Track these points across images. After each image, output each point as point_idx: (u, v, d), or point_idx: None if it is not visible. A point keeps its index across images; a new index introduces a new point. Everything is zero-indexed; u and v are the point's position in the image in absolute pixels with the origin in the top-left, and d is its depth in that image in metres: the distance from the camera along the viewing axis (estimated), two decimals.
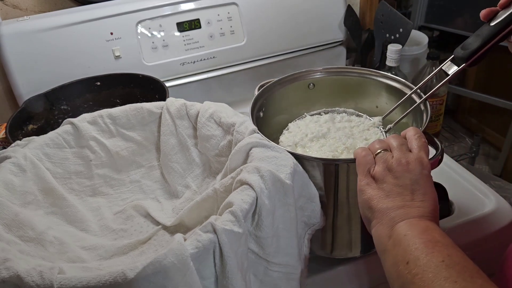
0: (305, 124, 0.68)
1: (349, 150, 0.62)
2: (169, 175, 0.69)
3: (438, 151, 0.54)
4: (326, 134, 0.65)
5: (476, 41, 0.53)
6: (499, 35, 0.52)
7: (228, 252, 0.44)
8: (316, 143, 0.64)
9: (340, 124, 0.68)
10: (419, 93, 0.63)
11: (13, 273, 0.41)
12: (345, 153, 0.61)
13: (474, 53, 0.53)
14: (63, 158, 0.64)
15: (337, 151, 0.62)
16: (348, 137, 0.64)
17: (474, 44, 0.53)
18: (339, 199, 0.57)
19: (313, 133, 0.65)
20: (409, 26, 0.94)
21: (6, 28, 0.86)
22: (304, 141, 0.65)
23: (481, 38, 0.53)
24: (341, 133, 0.65)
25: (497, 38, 0.52)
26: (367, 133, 0.65)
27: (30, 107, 0.81)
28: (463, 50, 0.55)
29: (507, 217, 0.68)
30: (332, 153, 0.62)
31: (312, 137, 0.65)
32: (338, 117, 0.70)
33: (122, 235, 0.63)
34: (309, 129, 0.67)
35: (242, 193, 0.48)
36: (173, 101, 0.68)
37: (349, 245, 0.61)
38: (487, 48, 0.53)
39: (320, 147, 0.64)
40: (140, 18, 0.93)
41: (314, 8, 1.05)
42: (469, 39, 0.55)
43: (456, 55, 0.56)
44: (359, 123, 0.68)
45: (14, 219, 0.53)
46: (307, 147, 0.64)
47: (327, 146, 0.63)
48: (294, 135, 0.66)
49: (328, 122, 0.68)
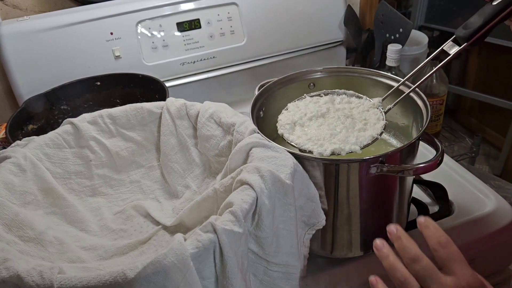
0: (305, 105, 0.67)
1: (347, 129, 0.61)
2: (169, 175, 0.69)
3: (438, 152, 0.54)
4: (325, 114, 0.65)
5: (479, 20, 0.54)
6: (501, 14, 0.53)
7: (228, 252, 0.44)
8: (315, 122, 0.64)
9: (339, 105, 0.67)
10: (417, 91, 0.63)
11: (13, 273, 0.41)
12: (343, 132, 0.61)
13: (476, 32, 0.54)
14: (63, 158, 0.64)
15: (336, 130, 0.61)
16: (347, 117, 0.64)
17: (476, 23, 0.54)
18: (339, 199, 0.57)
19: (312, 112, 0.65)
20: (409, 26, 0.94)
21: (6, 28, 0.86)
22: (302, 120, 0.64)
23: (483, 17, 0.53)
24: (340, 113, 0.65)
25: (499, 17, 0.53)
26: (366, 114, 0.65)
27: (30, 107, 0.81)
28: (465, 29, 0.55)
29: (507, 217, 0.68)
30: (330, 131, 0.61)
31: (311, 116, 0.64)
32: (338, 98, 0.69)
33: (122, 235, 0.63)
34: (308, 109, 0.66)
35: (242, 193, 0.48)
36: (173, 101, 0.68)
37: (349, 245, 0.61)
38: (489, 27, 0.53)
39: (319, 126, 0.63)
40: (140, 18, 0.93)
41: (314, 8, 1.05)
42: (471, 19, 0.55)
43: (458, 35, 0.56)
44: (358, 104, 0.67)
45: (14, 219, 0.53)
46: (305, 126, 0.63)
47: (325, 125, 0.63)
48: (293, 114, 0.65)
49: (328, 103, 0.67)
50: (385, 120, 0.63)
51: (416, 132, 0.64)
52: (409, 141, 0.55)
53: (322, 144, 0.59)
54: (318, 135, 0.61)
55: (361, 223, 0.60)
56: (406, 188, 0.61)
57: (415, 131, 0.65)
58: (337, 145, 0.58)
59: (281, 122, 0.64)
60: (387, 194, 0.59)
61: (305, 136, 0.62)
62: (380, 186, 0.58)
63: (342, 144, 0.59)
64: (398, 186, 0.59)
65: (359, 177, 0.55)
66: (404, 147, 0.55)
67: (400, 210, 0.62)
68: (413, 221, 0.68)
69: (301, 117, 0.64)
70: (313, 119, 0.64)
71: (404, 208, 0.63)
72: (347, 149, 0.58)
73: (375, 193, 0.58)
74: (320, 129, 0.62)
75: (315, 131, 0.62)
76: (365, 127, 0.62)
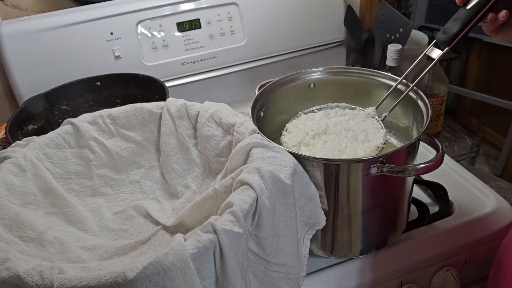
0: (303, 123, 0.68)
1: (352, 143, 0.62)
2: (169, 175, 0.69)
3: (438, 152, 0.54)
4: (326, 130, 0.66)
5: (455, 25, 0.56)
6: (475, 17, 0.54)
7: (228, 252, 0.44)
8: (319, 140, 0.64)
9: (335, 119, 0.68)
10: (413, 88, 0.63)
11: (13, 273, 0.41)
12: (349, 146, 0.62)
13: (455, 37, 0.56)
14: (63, 158, 0.64)
15: (341, 145, 0.62)
16: (347, 130, 0.64)
17: (453, 28, 0.56)
18: (339, 200, 0.57)
19: (313, 130, 0.65)
20: (409, 26, 0.94)
21: (6, 28, 0.86)
22: (306, 140, 0.64)
23: (460, 21, 0.55)
24: (339, 127, 0.65)
25: (474, 20, 0.55)
26: (364, 124, 0.66)
27: (30, 107, 0.81)
28: (444, 34, 0.57)
29: (507, 217, 0.68)
30: (337, 147, 0.62)
31: (313, 135, 0.65)
32: (332, 112, 0.70)
33: (122, 235, 0.63)
34: (307, 127, 0.67)
35: (242, 193, 0.48)
36: (173, 101, 0.68)
37: (349, 245, 0.61)
38: (466, 31, 0.56)
39: (324, 143, 0.64)
40: (140, 18, 0.93)
41: (314, 8, 1.05)
42: (448, 24, 0.57)
43: (439, 40, 0.58)
44: (353, 115, 0.68)
45: (14, 219, 0.53)
46: (311, 145, 0.64)
47: (330, 142, 0.63)
48: (296, 135, 0.66)
49: (324, 118, 0.68)
50: (384, 129, 0.64)
51: (417, 132, 0.64)
52: (409, 141, 0.55)
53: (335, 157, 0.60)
54: (327, 153, 0.62)
55: (361, 223, 0.60)
56: (406, 188, 0.61)
57: (415, 131, 0.65)
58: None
59: (286, 145, 0.64)
60: (387, 194, 0.59)
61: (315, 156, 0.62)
62: (380, 186, 0.58)
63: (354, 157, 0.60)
64: (398, 186, 0.59)
65: (359, 177, 0.55)
66: (404, 147, 0.55)
67: (400, 210, 0.62)
68: (413, 221, 0.68)
69: (304, 136, 0.65)
70: (315, 137, 0.65)
71: (404, 208, 0.63)
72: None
73: (375, 193, 0.58)
74: (326, 146, 0.63)
75: (322, 149, 0.63)
76: (368, 138, 0.63)
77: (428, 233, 0.66)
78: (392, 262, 0.63)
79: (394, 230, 0.63)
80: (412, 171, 0.53)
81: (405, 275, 0.63)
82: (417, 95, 0.63)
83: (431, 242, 0.65)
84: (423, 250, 0.64)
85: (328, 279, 0.61)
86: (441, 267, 0.64)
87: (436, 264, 0.64)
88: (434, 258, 0.64)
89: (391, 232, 0.63)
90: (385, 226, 0.62)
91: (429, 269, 0.64)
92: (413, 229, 0.67)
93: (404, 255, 0.63)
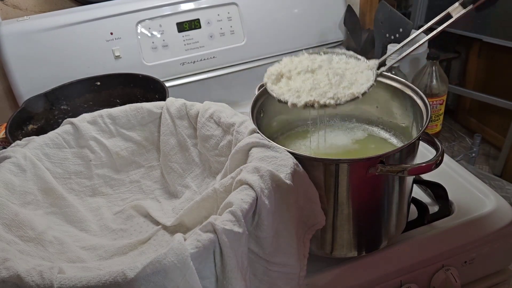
0: (299, 60, 0.65)
1: (331, 86, 0.60)
2: (169, 175, 0.69)
3: (438, 152, 0.54)
4: (316, 70, 0.63)
5: None
6: None
7: (228, 252, 0.44)
8: (302, 77, 0.62)
9: (336, 65, 0.64)
10: (417, 91, 0.63)
11: (13, 273, 0.41)
12: (325, 88, 0.59)
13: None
14: (63, 158, 0.64)
15: (319, 85, 0.60)
16: (336, 74, 0.62)
17: None
18: (339, 199, 0.57)
19: (303, 67, 0.62)
20: (409, 26, 0.94)
21: (6, 28, 0.86)
22: (291, 73, 0.62)
23: None
24: (331, 71, 0.62)
25: None
26: (358, 75, 0.62)
27: (30, 107, 0.81)
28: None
29: (507, 217, 0.68)
30: (312, 85, 0.59)
31: (300, 71, 0.62)
32: (336, 58, 0.66)
33: (122, 235, 0.63)
34: (300, 64, 0.64)
35: (242, 193, 0.48)
36: (173, 101, 0.68)
37: (349, 245, 0.61)
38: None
39: (304, 80, 0.61)
40: (140, 18, 0.93)
41: (314, 8, 1.05)
42: None
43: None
44: (355, 65, 0.64)
45: (14, 219, 0.53)
46: (292, 79, 0.62)
47: (311, 80, 0.61)
48: (283, 67, 0.63)
49: (325, 61, 0.65)
50: (373, 82, 0.61)
51: (416, 132, 0.64)
52: (409, 141, 0.55)
53: (299, 95, 0.58)
54: (299, 88, 0.59)
55: (361, 223, 0.60)
56: (406, 188, 0.61)
57: (415, 131, 0.65)
58: (313, 98, 0.58)
59: (268, 72, 0.62)
60: (387, 194, 0.59)
61: (287, 87, 0.61)
62: (380, 186, 0.58)
63: (319, 97, 0.58)
64: (398, 186, 0.59)
65: (359, 177, 0.55)
66: (404, 147, 0.55)
67: (400, 210, 0.62)
68: (413, 221, 0.68)
69: (290, 70, 0.62)
70: (301, 73, 0.62)
71: (404, 208, 0.63)
72: (322, 102, 0.57)
73: (375, 193, 0.58)
74: (304, 83, 0.60)
75: (297, 84, 0.60)
76: (351, 86, 0.60)
77: (428, 233, 0.66)
78: (392, 262, 0.63)
79: (394, 229, 0.63)
80: (412, 171, 0.53)
81: (405, 275, 0.63)
82: (417, 95, 0.63)
83: (431, 242, 0.65)
84: (423, 250, 0.64)
85: (328, 279, 0.61)
86: (441, 267, 0.64)
87: (436, 264, 0.64)
88: (434, 258, 0.64)
89: (391, 232, 0.63)
90: (385, 225, 0.62)
91: (429, 269, 0.64)
92: (413, 229, 0.67)
93: (404, 255, 0.63)
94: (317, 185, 0.56)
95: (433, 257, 0.64)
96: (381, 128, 0.72)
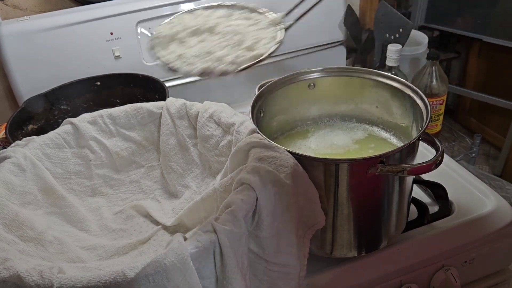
0: (193, 18, 0.58)
1: (231, 48, 0.53)
2: (169, 175, 0.69)
3: (438, 152, 0.54)
4: (212, 29, 0.55)
5: None
6: None
7: (228, 252, 0.44)
8: (197, 38, 0.54)
9: (235, 22, 0.57)
10: (417, 91, 0.63)
11: (13, 273, 0.41)
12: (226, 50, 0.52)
13: None
14: (63, 158, 0.64)
15: (216, 48, 0.52)
16: (237, 33, 0.54)
17: None
18: (339, 199, 0.57)
19: (195, 26, 0.55)
20: (409, 26, 0.94)
21: (6, 28, 0.86)
22: (182, 35, 0.54)
23: None
24: (230, 29, 0.55)
25: None
26: (262, 32, 0.55)
27: (30, 107, 0.81)
28: None
29: (507, 217, 0.68)
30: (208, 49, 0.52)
31: (194, 31, 0.54)
32: (236, 13, 0.58)
33: (122, 235, 0.63)
34: (193, 22, 0.56)
35: (242, 193, 0.48)
36: (173, 101, 0.68)
37: (349, 245, 0.61)
38: None
39: (199, 42, 0.53)
40: (140, 18, 0.92)
41: (314, 8, 1.05)
42: None
43: None
44: (257, 21, 0.57)
45: (14, 219, 0.53)
46: (185, 42, 0.54)
47: (207, 42, 0.53)
48: (172, 27, 0.56)
49: (222, 18, 0.57)
50: (281, 39, 0.54)
51: (416, 132, 0.64)
52: (409, 141, 0.55)
53: (193, 62, 0.50)
54: (192, 52, 0.51)
55: (361, 223, 0.60)
56: (406, 188, 0.61)
57: (415, 131, 0.65)
58: (209, 64, 0.50)
59: (155, 35, 0.54)
60: (387, 194, 0.59)
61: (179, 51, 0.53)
62: (380, 186, 0.58)
63: (216, 63, 0.50)
64: (398, 186, 0.59)
65: (359, 177, 0.55)
66: (404, 147, 0.55)
67: (400, 210, 0.62)
68: (413, 221, 0.68)
69: (182, 31, 0.55)
70: (196, 34, 0.54)
71: (404, 208, 0.63)
72: (219, 69, 0.50)
73: (375, 193, 0.58)
74: (199, 45, 0.53)
75: (192, 50, 0.52)
76: (254, 47, 0.53)
77: (428, 233, 0.66)
78: (392, 262, 0.63)
79: (394, 229, 0.63)
80: (412, 171, 0.53)
81: (405, 275, 0.63)
82: (417, 95, 0.63)
83: (431, 242, 0.65)
84: (423, 250, 0.64)
85: (328, 279, 0.61)
86: (441, 267, 0.64)
87: (436, 264, 0.64)
88: (434, 258, 0.64)
89: (391, 232, 0.63)
90: (385, 225, 0.62)
91: (429, 269, 0.64)
92: (413, 228, 0.67)
93: (404, 255, 0.63)
94: (317, 185, 0.56)
95: (433, 257, 0.64)
96: (381, 128, 0.72)
